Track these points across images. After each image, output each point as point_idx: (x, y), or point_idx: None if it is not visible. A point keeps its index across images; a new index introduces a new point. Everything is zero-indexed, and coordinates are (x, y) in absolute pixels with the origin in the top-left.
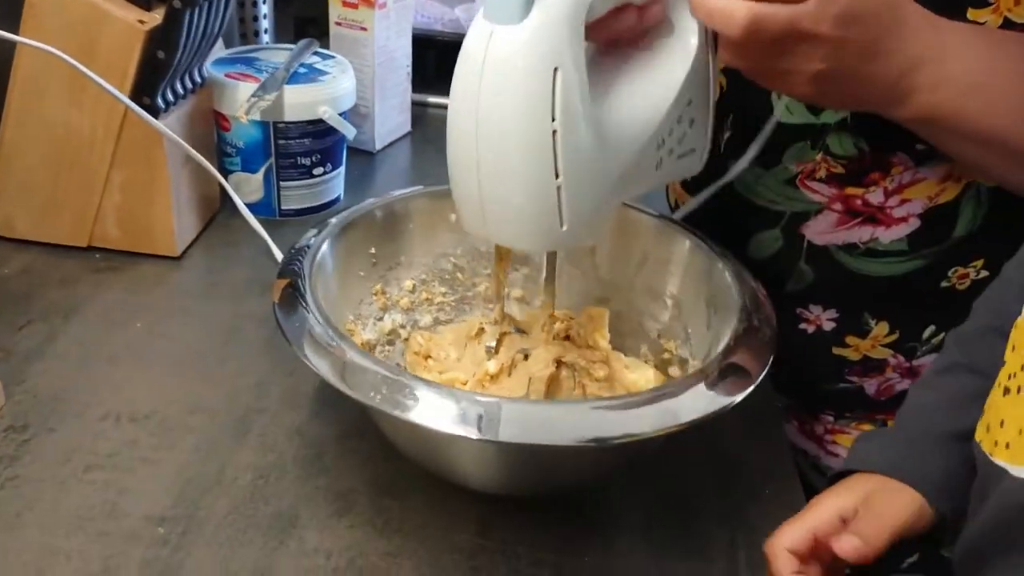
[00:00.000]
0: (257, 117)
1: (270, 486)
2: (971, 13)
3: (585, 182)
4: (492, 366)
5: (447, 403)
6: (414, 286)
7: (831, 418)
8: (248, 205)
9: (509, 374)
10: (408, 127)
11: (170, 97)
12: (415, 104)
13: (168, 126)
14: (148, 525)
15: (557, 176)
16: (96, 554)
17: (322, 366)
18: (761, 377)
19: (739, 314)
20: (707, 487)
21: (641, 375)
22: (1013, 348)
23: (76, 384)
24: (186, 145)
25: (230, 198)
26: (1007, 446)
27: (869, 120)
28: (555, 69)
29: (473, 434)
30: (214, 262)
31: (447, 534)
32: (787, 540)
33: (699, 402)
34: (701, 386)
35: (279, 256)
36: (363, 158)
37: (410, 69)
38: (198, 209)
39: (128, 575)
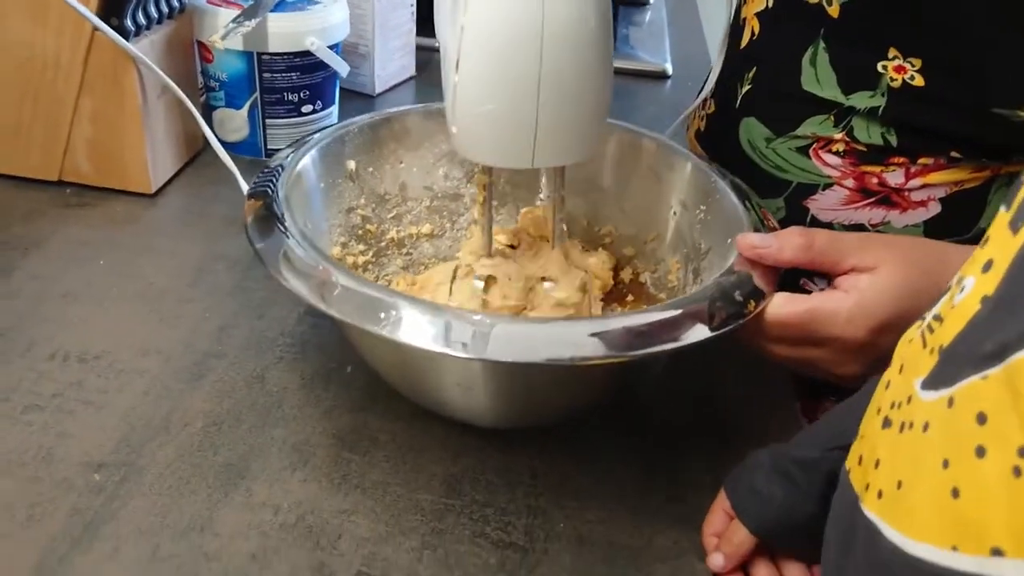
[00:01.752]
0: (238, 46)
1: (222, 435)
2: None
3: None
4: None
5: (438, 321)
6: (341, 253)
7: (832, 401)
8: (233, 144)
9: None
10: (412, 71)
11: (142, 20)
12: (420, 49)
13: (141, 51)
14: (84, 471)
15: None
16: (22, 501)
17: (301, 288)
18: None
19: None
20: (701, 455)
21: (597, 259)
22: (901, 369)
23: (25, 321)
24: (159, 71)
25: (214, 134)
26: (879, 495)
27: (904, 116)
28: None
29: (465, 353)
30: (191, 201)
31: (411, 492)
32: (709, 527)
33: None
34: (705, 306)
35: None
36: (362, 101)
37: (415, 9)
38: (178, 145)
39: (53, 524)
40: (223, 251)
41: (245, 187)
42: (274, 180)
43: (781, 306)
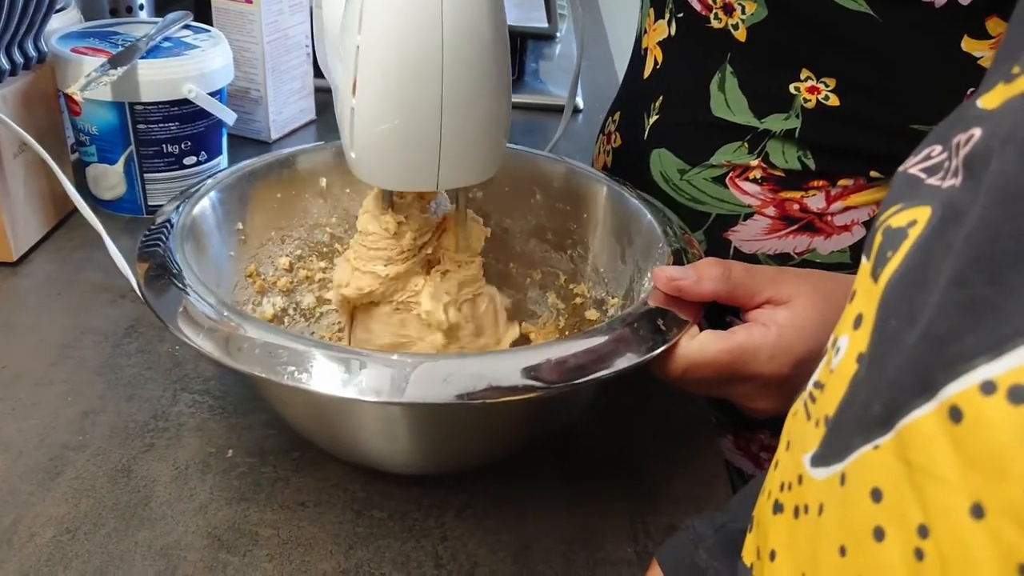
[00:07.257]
0: (107, 97)
1: (76, 544)
2: (967, 44)
3: None
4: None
5: (352, 366)
6: (291, 264)
7: (767, 434)
8: (110, 202)
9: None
10: (312, 114)
11: None
12: (321, 91)
13: None
14: None
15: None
16: None
17: (207, 345)
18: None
19: (662, 241)
20: (622, 515)
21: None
22: (788, 445)
23: None
24: (14, 126)
25: (89, 192)
26: None
27: (821, 137)
28: None
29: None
30: (59, 268)
31: None
32: None
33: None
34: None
35: (120, 262)
36: (258, 149)
37: (311, 49)
38: (44, 206)
39: None
40: (92, 323)
41: (114, 250)
42: (164, 236)
43: (708, 344)
